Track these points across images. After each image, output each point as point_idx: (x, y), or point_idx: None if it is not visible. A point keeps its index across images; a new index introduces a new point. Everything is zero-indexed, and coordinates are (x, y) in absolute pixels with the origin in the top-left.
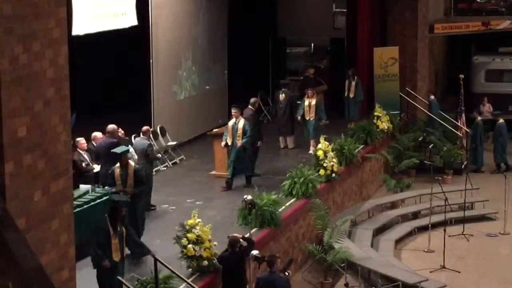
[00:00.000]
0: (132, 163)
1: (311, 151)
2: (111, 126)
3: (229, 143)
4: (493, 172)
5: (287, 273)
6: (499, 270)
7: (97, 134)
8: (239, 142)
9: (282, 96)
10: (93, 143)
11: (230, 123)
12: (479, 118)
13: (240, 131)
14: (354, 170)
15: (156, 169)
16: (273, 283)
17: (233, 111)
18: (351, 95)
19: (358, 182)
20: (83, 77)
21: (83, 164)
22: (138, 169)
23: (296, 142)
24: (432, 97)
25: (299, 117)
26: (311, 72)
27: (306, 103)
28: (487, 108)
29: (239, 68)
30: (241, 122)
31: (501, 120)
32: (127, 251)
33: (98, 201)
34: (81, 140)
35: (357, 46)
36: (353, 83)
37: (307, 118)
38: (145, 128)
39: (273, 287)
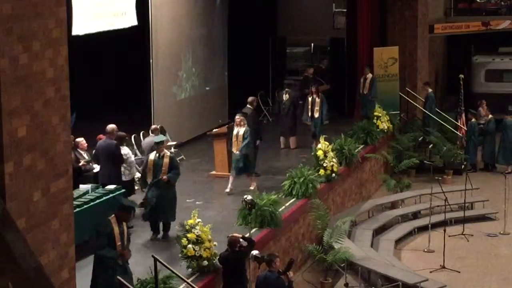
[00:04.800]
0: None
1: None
2: (111, 126)
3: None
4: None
5: (288, 275)
6: (499, 270)
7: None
8: (163, 177)
9: (286, 97)
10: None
11: (151, 156)
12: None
13: (165, 167)
14: (354, 170)
15: None
16: (271, 281)
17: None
18: (316, 115)
19: (358, 182)
20: (83, 77)
21: (82, 161)
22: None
23: (298, 143)
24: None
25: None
26: (311, 71)
27: (234, 132)
28: (485, 111)
29: (239, 68)
30: (167, 157)
31: (473, 120)
32: None
33: (98, 201)
34: (81, 140)
35: (357, 46)
36: (318, 100)
37: (234, 151)
38: (153, 126)
39: (271, 286)
